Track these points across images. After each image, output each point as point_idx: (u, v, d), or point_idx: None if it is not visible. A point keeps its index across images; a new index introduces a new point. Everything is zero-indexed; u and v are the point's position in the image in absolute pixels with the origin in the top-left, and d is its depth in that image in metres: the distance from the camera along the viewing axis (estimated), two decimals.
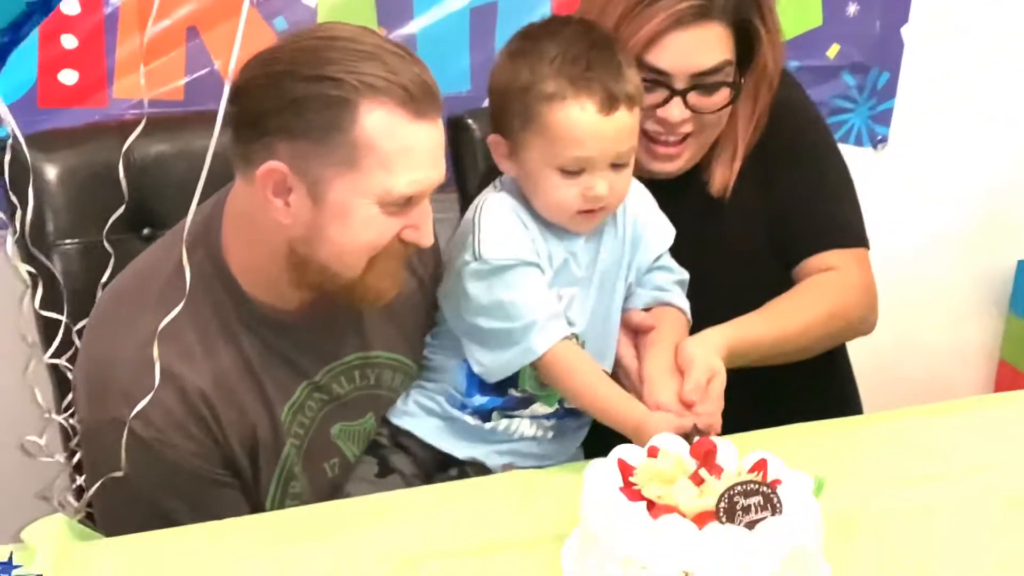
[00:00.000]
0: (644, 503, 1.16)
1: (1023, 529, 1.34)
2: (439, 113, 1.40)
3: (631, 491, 1.19)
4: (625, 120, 1.48)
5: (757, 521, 1.13)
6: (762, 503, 1.13)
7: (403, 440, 1.62)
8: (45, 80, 1.91)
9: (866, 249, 1.82)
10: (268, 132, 1.35)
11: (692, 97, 1.62)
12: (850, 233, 1.80)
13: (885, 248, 2.68)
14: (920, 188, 2.73)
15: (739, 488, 1.13)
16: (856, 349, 2.61)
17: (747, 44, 1.66)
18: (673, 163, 1.68)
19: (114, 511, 1.47)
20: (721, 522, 1.12)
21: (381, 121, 1.34)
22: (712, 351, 1.53)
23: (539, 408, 1.60)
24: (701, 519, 1.14)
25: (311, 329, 1.52)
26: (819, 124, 1.86)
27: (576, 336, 1.57)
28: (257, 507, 1.50)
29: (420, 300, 1.63)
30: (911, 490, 1.40)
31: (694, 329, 1.62)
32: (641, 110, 1.54)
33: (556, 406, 1.60)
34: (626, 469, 1.22)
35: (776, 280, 1.74)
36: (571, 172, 1.49)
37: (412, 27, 2.11)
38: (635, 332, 1.63)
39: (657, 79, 1.61)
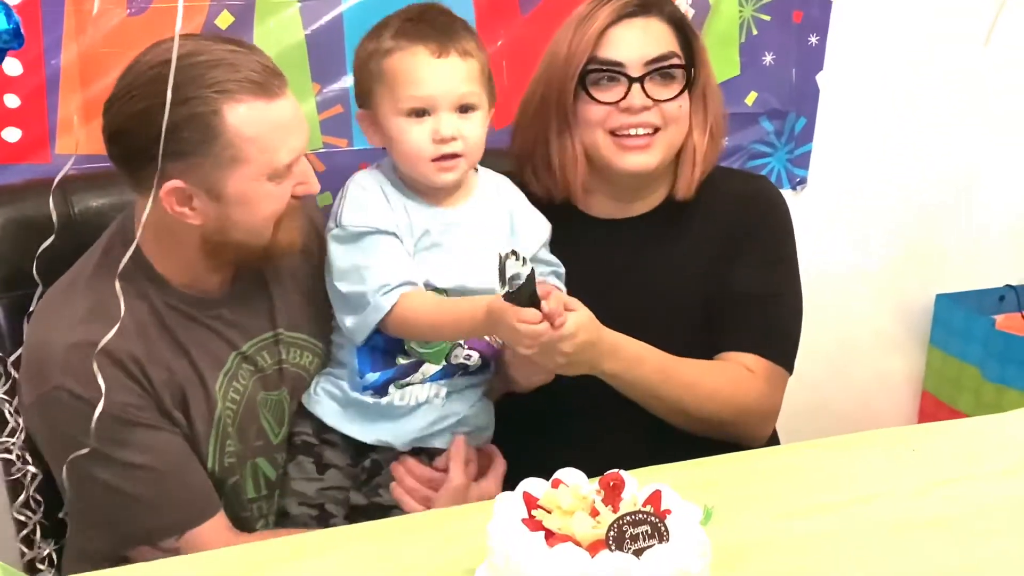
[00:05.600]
0: (543, 533, 1.25)
1: (906, 553, 1.43)
2: (286, 86, 1.59)
3: (533, 522, 1.28)
4: (459, 64, 1.67)
5: (645, 549, 1.21)
6: (650, 532, 1.22)
7: (327, 436, 1.74)
8: None
9: (787, 373, 1.89)
10: (155, 159, 1.50)
11: (649, 86, 1.79)
12: (779, 350, 1.87)
13: (808, 285, 2.81)
14: (840, 227, 2.85)
15: (628, 518, 1.22)
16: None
17: (691, 57, 1.83)
18: (645, 155, 1.82)
19: (82, 479, 1.58)
20: (611, 550, 1.21)
21: (245, 115, 1.53)
22: (591, 315, 1.63)
23: (428, 368, 1.72)
24: (594, 548, 1.22)
25: (231, 307, 1.70)
26: (791, 240, 1.94)
27: (444, 292, 1.71)
28: (201, 463, 1.66)
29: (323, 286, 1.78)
30: (800, 520, 1.48)
31: None
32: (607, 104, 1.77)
33: (443, 362, 1.73)
34: (530, 501, 1.31)
35: (692, 344, 1.83)
36: (417, 115, 1.66)
37: (345, 82, 2.20)
38: None
39: (614, 71, 1.78)
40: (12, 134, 2.01)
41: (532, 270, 1.52)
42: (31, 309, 1.70)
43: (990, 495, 1.56)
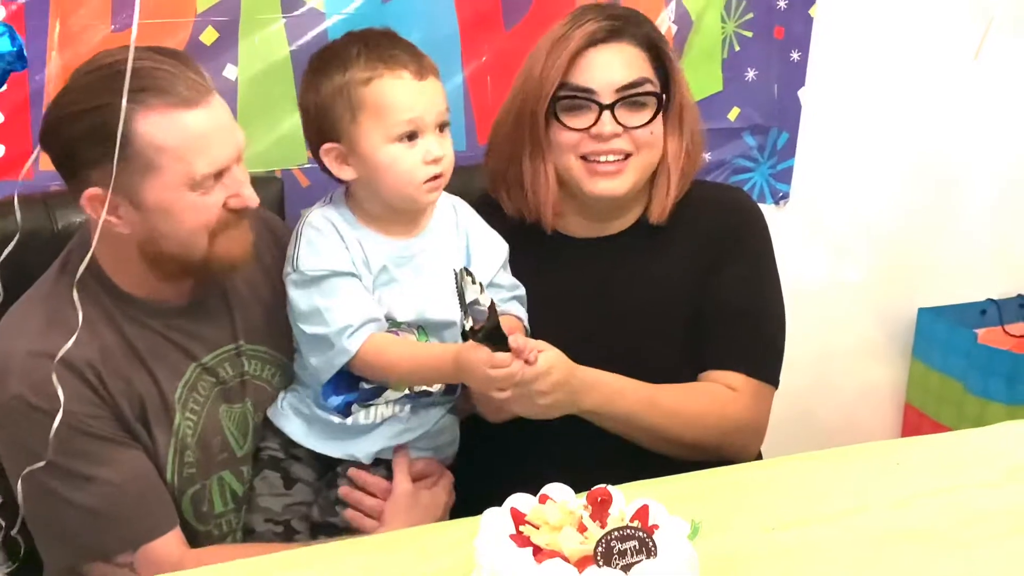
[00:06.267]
0: (531, 548, 1.25)
1: (892, 564, 1.43)
2: (211, 96, 1.57)
3: (521, 537, 1.27)
4: (435, 84, 1.67)
5: (633, 564, 1.21)
6: (638, 547, 1.22)
7: (294, 451, 1.74)
8: None
9: (772, 387, 1.87)
10: (78, 166, 1.54)
11: (620, 112, 1.77)
12: (763, 366, 1.86)
13: (791, 299, 2.83)
14: (822, 241, 2.86)
15: (616, 533, 1.22)
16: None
17: (666, 78, 1.81)
18: (616, 181, 1.80)
19: (37, 491, 1.56)
20: (599, 565, 1.21)
21: (158, 124, 1.52)
22: (561, 353, 1.63)
23: (391, 394, 1.72)
24: (583, 563, 1.22)
25: (191, 318, 1.70)
26: (771, 255, 1.92)
27: (406, 325, 1.71)
28: (160, 475, 1.64)
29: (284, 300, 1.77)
30: (787, 532, 1.49)
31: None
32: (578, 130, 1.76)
33: (407, 389, 1.72)
34: (518, 517, 1.31)
35: (675, 362, 1.83)
36: (408, 139, 1.65)
37: None
38: None
39: (585, 98, 1.77)
40: None
41: (492, 302, 1.52)
42: None
43: (974, 507, 1.56)
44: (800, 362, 2.87)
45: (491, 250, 1.78)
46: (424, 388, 1.72)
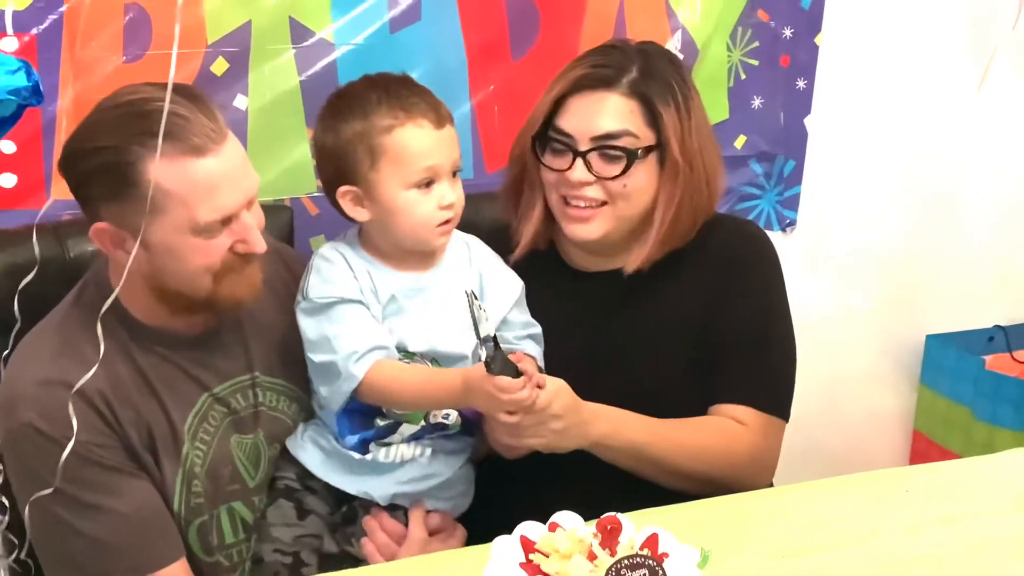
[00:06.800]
0: None
1: None
2: (223, 143, 1.56)
3: (530, 566, 1.28)
4: (452, 132, 1.71)
5: None
6: (648, 575, 1.23)
7: (310, 483, 1.74)
8: None
9: (782, 421, 1.85)
10: (88, 199, 1.58)
11: (594, 161, 1.76)
12: (772, 400, 1.84)
13: (798, 326, 2.83)
14: (829, 268, 2.87)
15: (626, 562, 1.22)
16: None
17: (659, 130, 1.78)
18: (586, 226, 1.80)
19: (44, 517, 1.57)
20: None
21: (166, 170, 1.50)
22: (566, 385, 1.62)
23: (407, 429, 1.72)
24: None
25: (206, 349, 1.72)
26: (781, 286, 1.90)
27: (419, 356, 1.71)
28: (167, 505, 1.64)
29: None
30: (797, 560, 1.49)
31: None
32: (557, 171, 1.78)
33: (422, 422, 1.72)
34: (528, 545, 1.31)
35: (685, 397, 1.81)
36: (424, 186, 1.67)
37: None
38: None
39: (564, 142, 1.77)
40: (8, 180, 2.02)
41: (495, 336, 1.53)
42: (7, 350, 1.70)
43: (983, 535, 1.56)
44: (808, 389, 2.86)
45: (504, 287, 1.79)
46: (440, 420, 1.72)
